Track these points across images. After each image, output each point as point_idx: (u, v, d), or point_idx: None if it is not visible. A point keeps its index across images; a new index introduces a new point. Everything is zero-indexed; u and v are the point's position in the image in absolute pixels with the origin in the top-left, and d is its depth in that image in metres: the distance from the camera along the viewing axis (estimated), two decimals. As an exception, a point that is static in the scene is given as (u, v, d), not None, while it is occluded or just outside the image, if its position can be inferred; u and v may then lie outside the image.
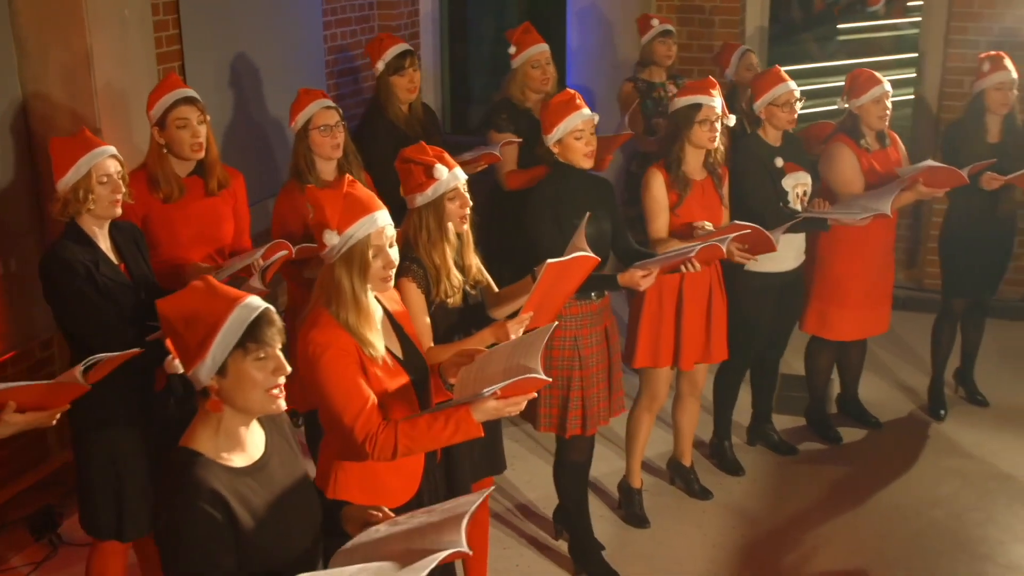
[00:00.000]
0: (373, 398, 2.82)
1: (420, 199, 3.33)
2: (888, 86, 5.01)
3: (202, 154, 4.01)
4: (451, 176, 3.33)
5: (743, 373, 5.22)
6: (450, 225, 3.37)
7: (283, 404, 2.30)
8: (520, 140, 5.07)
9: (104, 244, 3.53)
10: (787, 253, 4.82)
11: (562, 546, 4.57)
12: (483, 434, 2.84)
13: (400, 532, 2.34)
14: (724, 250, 3.93)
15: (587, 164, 4.05)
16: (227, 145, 5.54)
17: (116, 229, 3.60)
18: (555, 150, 4.04)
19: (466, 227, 3.44)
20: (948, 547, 4.60)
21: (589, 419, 4.20)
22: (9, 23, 4.69)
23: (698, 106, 4.38)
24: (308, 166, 4.37)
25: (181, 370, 2.34)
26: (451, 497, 3.08)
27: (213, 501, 2.18)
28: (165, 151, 3.99)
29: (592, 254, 3.38)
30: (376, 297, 2.96)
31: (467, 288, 3.49)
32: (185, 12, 5.42)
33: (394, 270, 2.91)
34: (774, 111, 4.75)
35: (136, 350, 3.11)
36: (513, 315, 3.34)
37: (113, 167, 3.47)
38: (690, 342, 4.60)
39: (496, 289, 3.62)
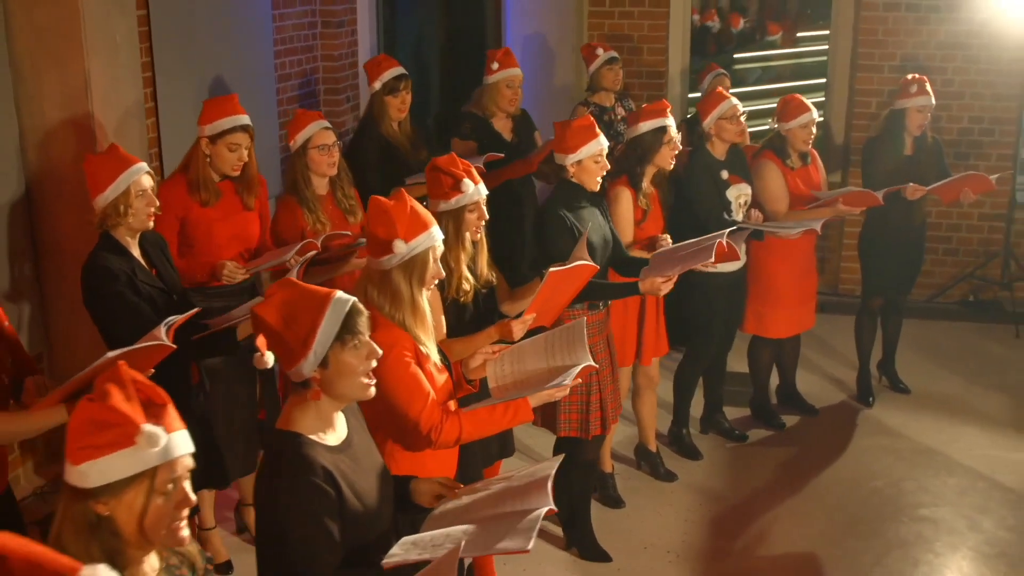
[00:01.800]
0: (433, 393, 3.11)
1: (443, 206, 3.65)
2: (816, 113, 5.58)
3: (239, 173, 4.37)
4: (475, 191, 3.66)
5: (702, 367, 5.69)
6: (467, 234, 3.72)
7: (373, 391, 2.58)
8: (501, 156, 5.46)
9: (136, 252, 3.81)
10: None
11: (546, 525, 4.95)
12: (533, 419, 3.22)
13: (487, 497, 2.65)
14: (737, 248, 4.42)
15: (597, 187, 4.43)
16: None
17: (143, 238, 3.88)
18: (571, 170, 4.36)
19: (479, 237, 3.80)
20: (890, 512, 5.13)
21: (607, 419, 4.58)
22: (5, 48, 4.90)
23: (664, 128, 4.82)
24: (305, 182, 4.70)
25: (270, 364, 2.60)
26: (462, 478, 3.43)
27: (326, 477, 2.44)
28: (208, 160, 4.29)
29: (592, 262, 3.77)
30: None
31: (479, 290, 3.83)
32: (156, 41, 5.68)
33: (439, 279, 3.23)
34: (723, 124, 5.25)
35: (197, 308, 3.47)
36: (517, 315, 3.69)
37: (147, 183, 3.75)
38: (649, 340, 5.07)
39: (508, 287, 3.99)
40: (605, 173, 4.50)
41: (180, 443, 1.96)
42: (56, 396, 3.05)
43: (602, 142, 4.39)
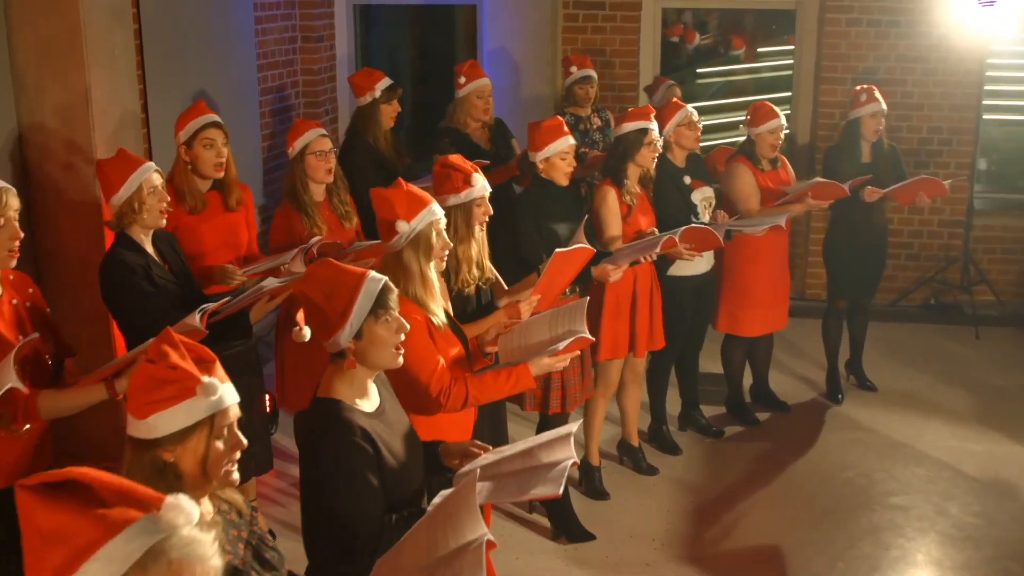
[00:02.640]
0: (442, 360, 3.38)
1: (453, 200, 3.89)
2: (784, 120, 5.86)
3: (222, 173, 4.53)
4: (483, 186, 3.93)
5: (672, 364, 5.93)
6: (475, 226, 3.95)
7: (402, 360, 2.85)
8: (487, 163, 5.67)
9: (150, 250, 3.99)
10: (700, 258, 5.54)
11: (535, 518, 5.15)
12: (535, 385, 3.46)
13: (512, 455, 2.87)
14: (717, 235, 4.70)
15: (566, 182, 4.75)
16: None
17: (156, 236, 4.07)
18: (541, 166, 4.71)
19: (482, 233, 4.02)
20: (862, 500, 5.38)
21: (568, 398, 4.80)
22: (8, 61, 5.05)
23: (645, 130, 5.10)
24: (303, 187, 4.89)
25: (308, 338, 2.84)
26: None
27: (364, 437, 2.68)
28: (190, 168, 4.46)
29: (590, 246, 4.02)
30: None
31: (480, 284, 4.05)
32: (147, 53, 5.86)
33: (448, 250, 3.50)
34: (682, 131, 5.52)
35: (228, 298, 3.68)
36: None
37: (158, 180, 3.95)
38: (642, 333, 5.30)
39: (504, 285, 4.22)
40: (592, 176, 4.76)
41: (231, 392, 2.18)
42: (97, 376, 3.24)
43: (569, 140, 4.73)
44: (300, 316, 2.80)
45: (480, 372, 3.51)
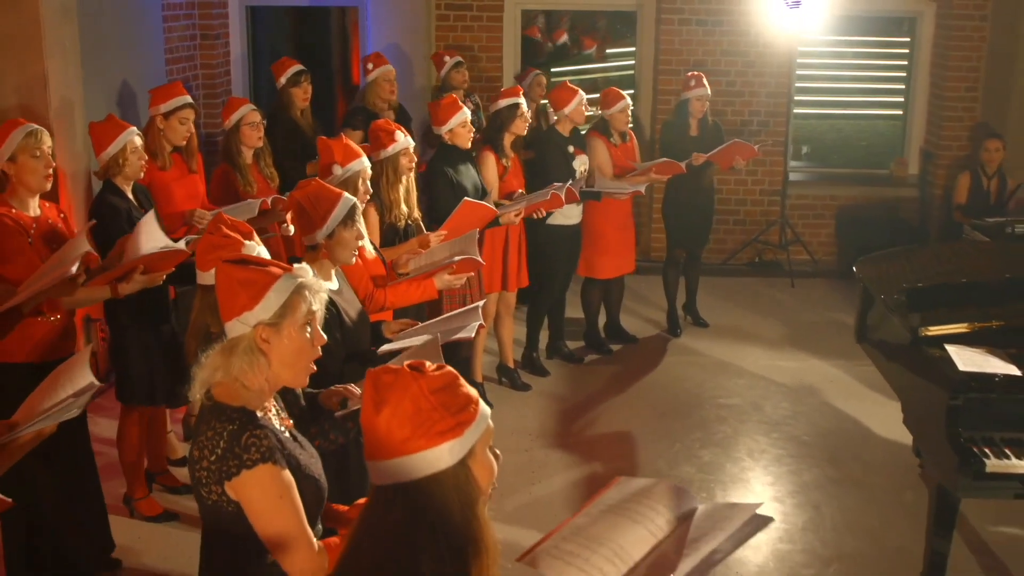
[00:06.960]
0: (368, 273, 4.45)
1: (383, 154, 5.01)
2: (630, 101, 7.15)
3: (185, 142, 5.52)
4: (406, 140, 5.07)
5: (550, 301, 7.13)
6: (402, 174, 5.07)
7: (355, 260, 3.93)
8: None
9: (131, 196, 4.96)
10: (574, 211, 6.77)
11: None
12: (437, 296, 4.58)
13: (439, 320, 4.06)
14: (560, 195, 5.93)
15: (468, 145, 5.91)
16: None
17: (135, 187, 5.03)
18: (446, 136, 5.85)
19: (408, 179, 5.12)
20: (696, 402, 6.71)
21: None
22: (-30, 51, 5.90)
23: (516, 104, 6.31)
24: (236, 152, 5.91)
25: (292, 233, 3.90)
26: None
27: (331, 303, 3.72)
28: (162, 134, 5.44)
29: (494, 208, 5.20)
30: None
31: (407, 221, 5.16)
32: (84, 49, 6.75)
33: (369, 196, 4.60)
34: (580, 110, 6.74)
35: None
36: None
37: (139, 142, 4.94)
38: (512, 271, 6.48)
39: (424, 229, 5.35)
40: (476, 143, 5.94)
41: (264, 252, 3.22)
42: (102, 280, 4.20)
43: (466, 112, 5.89)
44: (289, 216, 3.86)
45: (395, 282, 4.62)
